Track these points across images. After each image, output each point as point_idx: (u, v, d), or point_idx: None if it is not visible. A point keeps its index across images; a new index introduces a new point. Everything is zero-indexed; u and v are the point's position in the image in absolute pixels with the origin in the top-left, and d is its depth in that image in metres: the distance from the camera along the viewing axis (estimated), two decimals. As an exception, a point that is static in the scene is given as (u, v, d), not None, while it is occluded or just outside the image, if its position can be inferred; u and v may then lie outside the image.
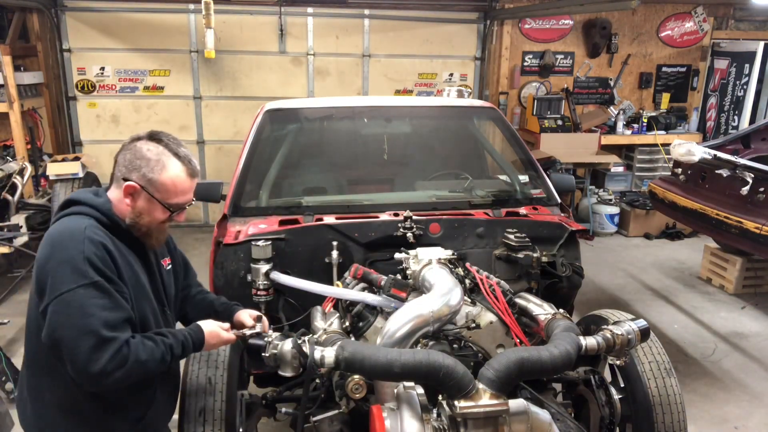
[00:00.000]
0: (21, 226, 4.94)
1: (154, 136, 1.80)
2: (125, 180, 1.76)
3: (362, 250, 2.80)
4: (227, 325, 1.99)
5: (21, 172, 5.33)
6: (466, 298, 2.40)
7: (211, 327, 1.91)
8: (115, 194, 1.80)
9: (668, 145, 5.77)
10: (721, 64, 7.84)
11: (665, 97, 7.87)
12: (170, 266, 2.04)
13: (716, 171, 4.66)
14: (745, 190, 4.34)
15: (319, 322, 2.33)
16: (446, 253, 2.50)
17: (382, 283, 2.28)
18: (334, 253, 2.71)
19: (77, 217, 1.72)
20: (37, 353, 1.75)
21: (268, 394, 2.54)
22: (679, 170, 5.17)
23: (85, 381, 1.61)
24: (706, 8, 7.62)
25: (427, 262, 2.41)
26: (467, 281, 2.51)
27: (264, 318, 2.14)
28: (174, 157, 1.79)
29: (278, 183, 3.42)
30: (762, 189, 4.26)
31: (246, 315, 2.14)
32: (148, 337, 1.72)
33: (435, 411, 1.82)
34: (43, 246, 1.68)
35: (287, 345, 1.88)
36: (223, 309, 2.18)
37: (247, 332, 2.02)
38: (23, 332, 1.76)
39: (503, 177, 3.69)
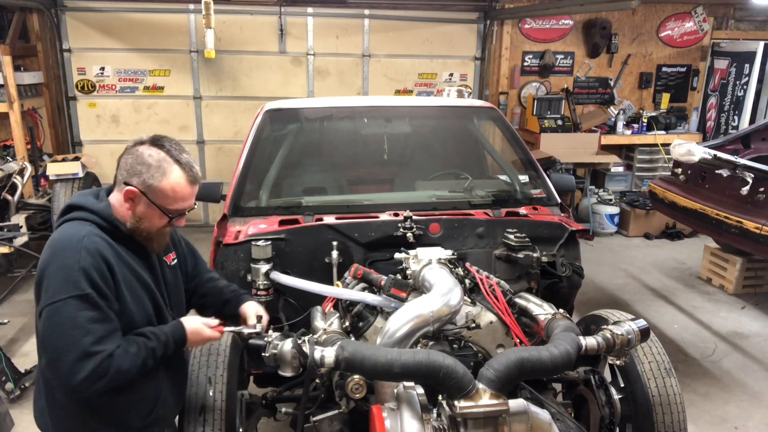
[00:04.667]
0: (21, 226, 4.94)
1: (156, 141, 1.80)
2: (126, 184, 1.77)
3: (362, 250, 2.80)
4: (214, 321, 1.98)
5: (21, 172, 5.32)
6: (466, 298, 2.41)
7: (193, 325, 1.90)
8: (116, 198, 1.81)
9: (668, 145, 5.77)
10: (721, 64, 7.84)
11: (665, 97, 7.87)
12: (175, 261, 2.05)
13: (716, 171, 4.66)
14: (745, 190, 4.34)
15: (319, 322, 2.33)
16: (446, 253, 2.50)
17: (382, 283, 2.28)
18: (334, 253, 2.71)
19: (78, 223, 1.75)
20: None
21: (268, 394, 2.54)
22: (679, 170, 5.17)
23: (65, 390, 1.67)
24: (706, 8, 7.62)
25: (427, 262, 2.41)
26: (467, 281, 2.51)
27: (264, 317, 2.14)
28: (175, 164, 1.79)
29: (278, 183, 3.42)
30: (762, 189, 4.26)
31: (251, 309, 2.15)
32: (133, 341, 1.73)
33: (435, 411, 1.82)
34: (44, 252, 1.71)
35: (287, 345, 1.88)
36: (232, 296, 2.21)
37: (245, 330, 2.02)
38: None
39: (503, 177, 3.69)
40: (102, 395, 1.72)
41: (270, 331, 1.98)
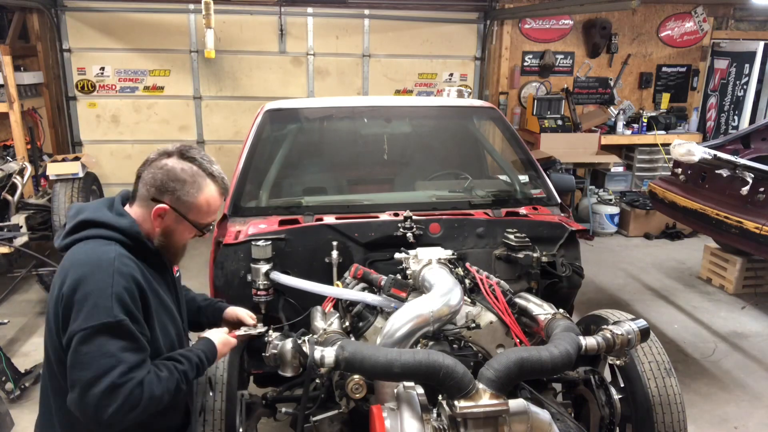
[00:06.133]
0: (21, 226, 4.93)
1: (185, 154, 1.72)
2: (155, 200, 1.68)
3: (362, 250, 2.80)
4: (225, 329, 1.97)
5: (21, 172, 5.31)
6: (466, 298, 2.40)
7: (220, 337, 1.86)
8: (139, 213, 1.71)
9: (668, 145, 5.77)
10: (721, 64, 7.85)
11: (665, 97, 7.87)
12: (179, 272, 1.98)
13: (716, 171, 4.66)
14: (745, 190, 4.34)
15: (319, 322, 2.33)
16: (446, 253, 2.50)
17: (382, 283, 2.28)
18: (334, 253, 2.71)
19: (102, 243, 1.61)
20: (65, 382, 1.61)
21: (268, 394, 2.54)
22: (679, 170, 5.17)
23: (95, 426, 1.49)
24: (706, 8, 7.62)
25: (427, 262, 2.41)
26: (467, 281, 2.51)
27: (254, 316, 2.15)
28: (209, 178, 1.72)
29: (278, 183, 3.42)
30: (762, 189, 4.26)
31: (241, 311, 2.13)
32: (163, 365, 1.62)
33: (435, 411, 1.82)
34: (68, 274, 1.56)
35: (287, 345, 1.88)
36: (206, 304, 2.15)
37: (253, 331, 2.03)
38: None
39: (503, 177, 3.70)
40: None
41: (270, 331, 1.98)
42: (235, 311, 2.13)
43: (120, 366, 1.48)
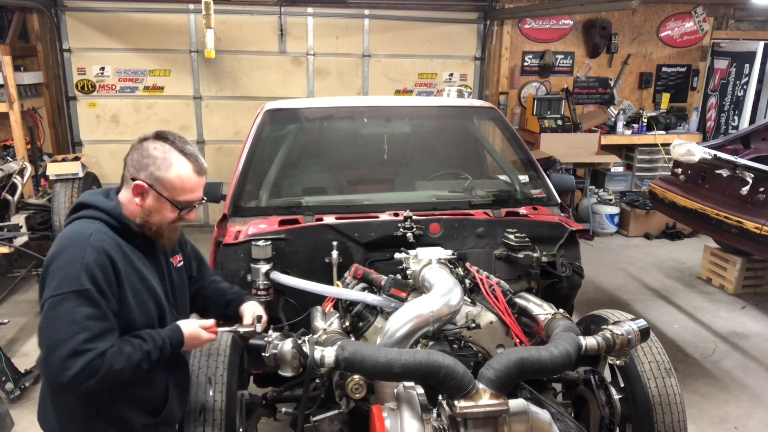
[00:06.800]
0: (21, 226, 4.93)
1: (160, 135, 1.83)
2: (133, 179, 1.78)
3: (362, 250, 2.80)
4: (211, 322, 1.98)
5: (21, 172, 5.32)
6: (466, 298, 2.40)
7: (190, 328, 1.88)
8: (125, 195, 1.82)
9: (668, 145, 5.76)
10: (721, 64, 7.84)
11: (665, 97, 7.87)
12: (181, 263, 2.06)
13: (716, 171, 4.66)
14: (745, 190, 4.34)
15: (319, 322, 2.33)
16: (446, 253, 2.50)
17: (382, 283, 2.28)
18: (334, 253, 2.71)
19: (87, 221, 1.75)
20: None
21: (268, 394, 2.55)
22: (679, 170, 5.17)
23: (55, 388, 1.62)
24: (706, 8, 7.62)
25: (427, 262, 2.41)
26: (467, 281, 2.51)
27: (263, 317, 2.14)
28: (180, 155, 1.81)
29: (278, 183, 3.42)
30: (762, 189, 4.26)
31: (249, 308, 2.15)
32: (128, 341, 1.70)
33: (435, 411, 1.82)
34: (52, 248, 1.72)
35: (287, 345, 1.88)
36: (234, 297, 2.23)
37: (240, 329, 2.04)
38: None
39: (503, 177, 3.70)
40: (102, 395, 1.71)
41: (270, 331, 1.98)
42: (242, 308, 2.17)
43: (83, 333, 1.59)
